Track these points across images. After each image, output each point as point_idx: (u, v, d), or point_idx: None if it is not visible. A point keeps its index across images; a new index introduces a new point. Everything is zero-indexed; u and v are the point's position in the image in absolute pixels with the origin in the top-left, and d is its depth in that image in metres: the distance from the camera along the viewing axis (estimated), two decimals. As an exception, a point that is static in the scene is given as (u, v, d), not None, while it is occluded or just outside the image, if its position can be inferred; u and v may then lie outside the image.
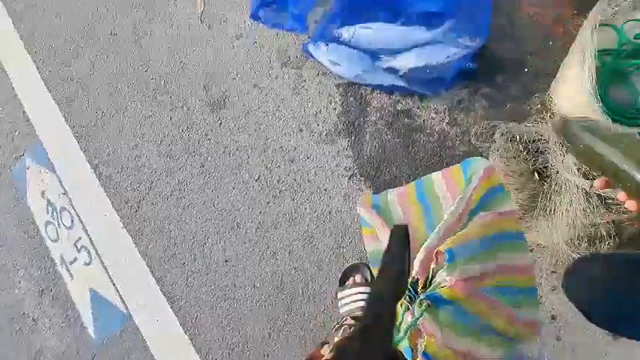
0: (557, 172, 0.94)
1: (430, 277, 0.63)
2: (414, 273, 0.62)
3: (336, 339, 0.84)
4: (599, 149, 0.56)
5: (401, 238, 0.48)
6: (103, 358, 1.31)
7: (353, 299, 1.03)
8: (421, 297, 0.60)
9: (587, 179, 0.85)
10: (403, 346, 0.56)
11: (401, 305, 0.61)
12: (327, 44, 1.21)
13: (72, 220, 1.42)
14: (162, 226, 1.33)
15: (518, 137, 1.02)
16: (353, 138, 1.21)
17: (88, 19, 1.59)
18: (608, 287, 0.71)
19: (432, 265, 0.63)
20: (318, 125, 1.25)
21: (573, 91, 0.94)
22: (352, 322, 0.93)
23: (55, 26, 1.62)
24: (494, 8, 1.07)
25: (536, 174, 1.01)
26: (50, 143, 1.51)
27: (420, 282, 0.63)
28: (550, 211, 0.96)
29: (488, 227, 0.67)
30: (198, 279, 1.26)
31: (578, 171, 0.88)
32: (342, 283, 1.11)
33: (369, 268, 1.07)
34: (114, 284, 1.33)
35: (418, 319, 0.56)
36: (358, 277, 1.08)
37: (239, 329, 1.20)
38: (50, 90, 1.55)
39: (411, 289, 0.61)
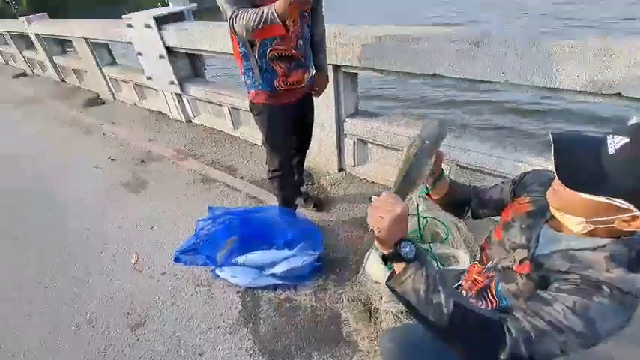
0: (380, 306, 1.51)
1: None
2: None
3: None
4: None
5: None
6: None
7: None
8: None
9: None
10: None
11: None
12: (229, 267, 1.84)
13: None
14: None
15: (356, 296, 1.63)
16: (251, 325, 1.62)
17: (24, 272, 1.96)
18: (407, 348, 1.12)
19: None
20: (223, 322, 1.64)
21: (372, 265, 1.70)
22: None
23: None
24: (327, 234, 1.96)
25: (369, 313, 1.55)
26: None
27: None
28: (384, 328, 1.44)
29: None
30: None
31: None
32: None
33: None
34: None
35: None
36: None
37: None
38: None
39: None
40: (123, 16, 3.24)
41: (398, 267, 0.71)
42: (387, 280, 0.76)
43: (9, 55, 7.51)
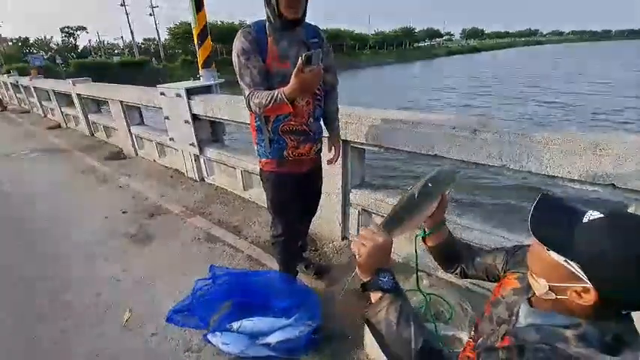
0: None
1: None
2: None
3: None
4: None
5: None
6: None
7: None
8: None
9: None
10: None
11: None
12: (222, 332, 1.77)
13: None
14: None
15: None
16: (237, 401, 1.50)
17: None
18: None
19: None
20: (208, 395, 1.53)
21: (373, 346, 1.62)
22: None
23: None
24: (326, 304, 1.90)
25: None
26: None
27: None
28: None
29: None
30: None
31: None
32: None
33: None
34: None
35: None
36: None
37: None
38: None
39: None
40: (158, 85, 3.63)
41: (374, 296, 0.73)
42: (364, 311, 0.78)
43: (49, 109, 8.25)
